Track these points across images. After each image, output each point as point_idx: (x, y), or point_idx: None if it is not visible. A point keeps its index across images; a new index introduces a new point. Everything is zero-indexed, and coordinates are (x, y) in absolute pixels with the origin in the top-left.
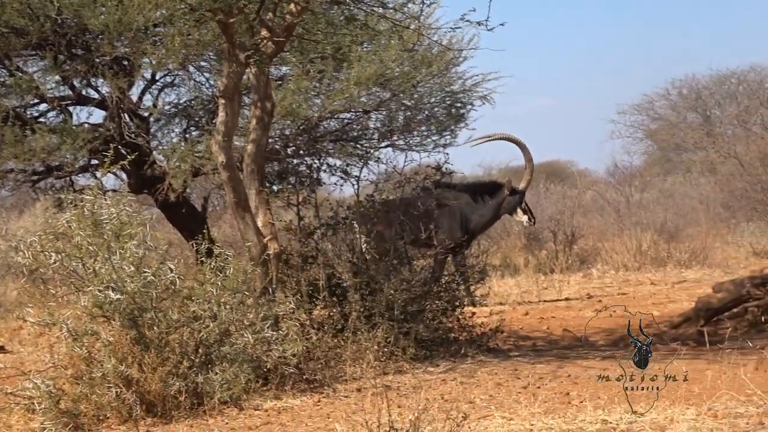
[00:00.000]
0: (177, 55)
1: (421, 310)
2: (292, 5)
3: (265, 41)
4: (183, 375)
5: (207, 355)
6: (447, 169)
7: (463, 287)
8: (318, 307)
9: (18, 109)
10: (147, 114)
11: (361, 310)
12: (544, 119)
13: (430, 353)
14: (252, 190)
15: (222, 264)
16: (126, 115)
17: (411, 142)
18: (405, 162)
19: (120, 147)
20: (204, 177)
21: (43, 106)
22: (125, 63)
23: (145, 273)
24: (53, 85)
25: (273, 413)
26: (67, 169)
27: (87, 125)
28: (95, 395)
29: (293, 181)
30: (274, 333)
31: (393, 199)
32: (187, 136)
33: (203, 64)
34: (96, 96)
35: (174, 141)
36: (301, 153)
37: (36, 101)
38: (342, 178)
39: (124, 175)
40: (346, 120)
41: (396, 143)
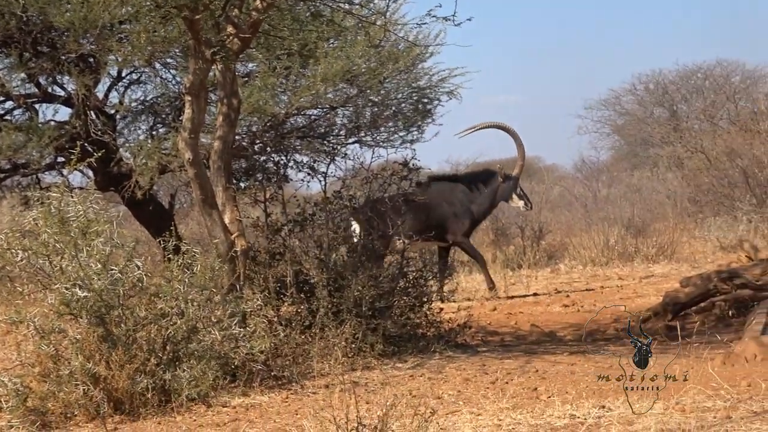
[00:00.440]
0: (143, 52)
1: (389, 306)
2: (257, 2)
3: (231, 38)
4: (150, 372)
5: (174, 353)
6: (414, 165)
7: (438, 283)
8: (285, 304)
9: None
10: (113, 111)
11: (329, 306)
12: (510, 115)
13: (398, 349)
14: (219, 187)
15: (189, 261)
16: (92, 113)
17: (378, 138)
18: (372, 158)
19: (86, 144)
20: (171, 174)
21: (9, 103)
22: (91, 60)
23: (112, 270)
24: (19, 83)
25: (241, 410)
26: (34, 167)
27: (53, 123)
28: (63, 393)
29: (260, 178)
30: (241, 330)
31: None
32: (154, 133)
33: (169, 60)
34: (62, 93)
35: (140, 138)
36: (268, 149)
37: (1, 99)
38: (309, 174)
39: (90, 173)
40: (312, 116)
41: (363, 139)
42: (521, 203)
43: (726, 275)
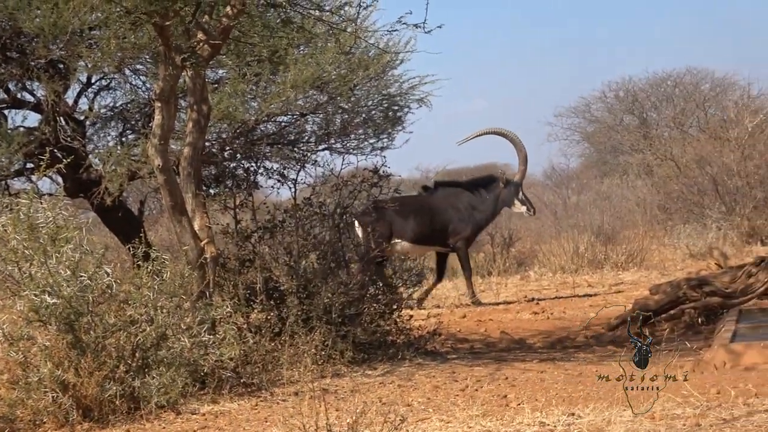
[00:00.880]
0: (113, 59)
1: (359, 313)
2: (228, 8)
3: (202, 44)
4: (120, 379)
5: (144, 359)
6: (384, 172)
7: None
8: (255, 311)
9: None
10: (83, 117)
11: (299, 313)
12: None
13: (367, 356)
14: (189, 193)
15: (159, 268)
16: (62, 119)
17: (348, 145)
18: (342, 165)
19: (56, 151)
20: (140, 180)
21: None
22: (61, 66)
23: (82, 277)
24: None
25: (210, 417)
26: (2, 173)
27: (22, 129)
28: (31, 400)
29: (230, 185)
30: (211, 337)
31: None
32: (124, 139)
33: (139, 67)
34: (31, 99)
35: (110, 144)
36: (238, 156)
37: None
38: (279, 181)
39: (59, 179)
40: (283, 123)
41: (333, 146)
42: (523, 208)
43: (695, 283)
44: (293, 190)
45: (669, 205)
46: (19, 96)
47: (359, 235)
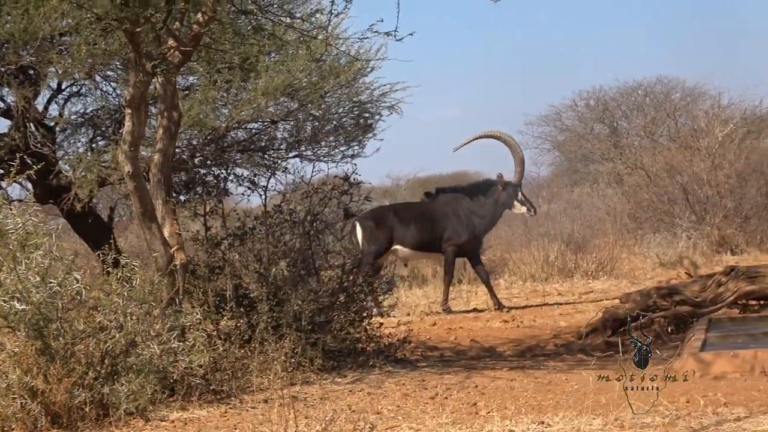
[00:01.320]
0: (83, 65)
1: (329, 320)
2: (199, 15)
3: (172, 51)
4: (89, 386)
5: (113, 366)
6: (355, 180)
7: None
8: (225, 318)
9: None
10: (53, 123)
11: (269, 320)
12: (451, 130)
13: (337, 364)
14: (159, 200)
15: (128, 274)
16: (32, 125)
17: (319, 152)
18: (313, 172)
19: (25, 157)
20: (110, 187)
21: None
22: (31, 72)
23: (51, 283)
24: None
25: (179, 424)
26: None
27: None
28: (0, 406)
29: (200, 191)
30: (180, 344)
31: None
32: (94, 145)
33: (110, 73)
34: (1, 105)
35: (80, 151)
36: (209, 163)
37: None
38: (249, 188)
39: (29, 185)
40: (253, 130)
41: (304, 153)
42: (524, 209)
43: (665, 292)
44: (263, 197)
45: (639, 214)
46: None
47: (359, 239)
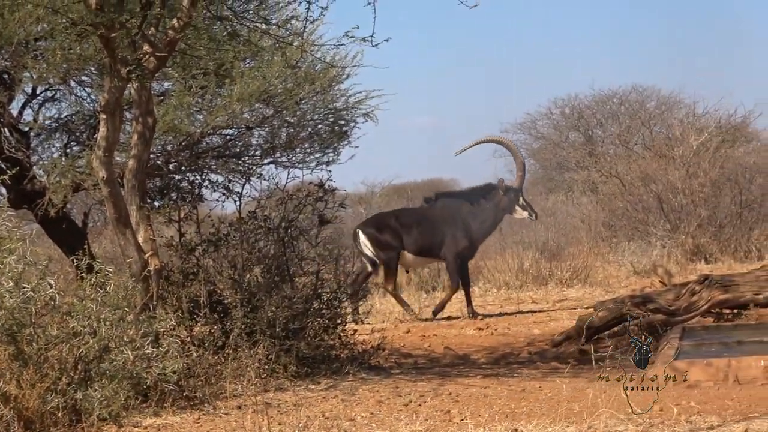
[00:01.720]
0: (58, 70)
1: (303, 327)
2: (174, 20)
3: (147, 56)
4: (62, 391)
5: (86, 372)
6: (330, 187)
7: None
8: (199, 324)
9: None
10: (27, 128)
11: (243, 327)
12: (427, 138)
13: (311, 370)
14: (133, 205)
15: (102, 280)
16: (6, 130)
17: (294, 159)
18: (287, 179)
19: None
20: (85, 192)
21: None
22: (5, 77)
23: (25, 288)
24: None
25: (152, 430)
26: None
27: None
28: None
29: (175, 197)
30: (154, 350)
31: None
32: (68, 151)
33: (85, 78)
34: None
35: (54, 156)
36: (183, 169)
37: None
38: (224, 194)
39: (3, 190)
40: (228, 136)
41: (279, 160)
42: (525, 214)
43: (639, 300)
44: (238, 203)
45: (614, 223)
46: None
47: (368, 247)
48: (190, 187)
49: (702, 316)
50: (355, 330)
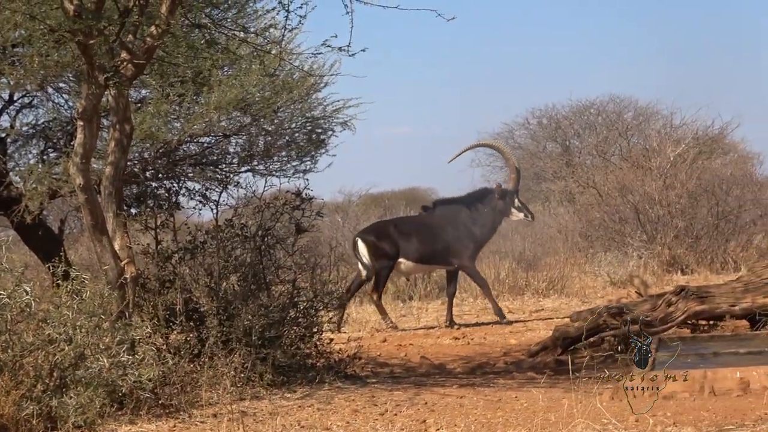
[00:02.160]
0: (35, 76)
1: (279, 335)
2: (152, 28)
3: (125, 63)
4: (37, 398)
5: (62, 379)
6: (307, 195)
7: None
8: (175, 332)
9: None
10: (4, 135)
11: (219, 335)
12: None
13: (287, 379)
14: (109, 213)
15: (78, 287)
16: None
17: (271, 167)
18: (265, 187)
19: None
20: (61, 199)
21: None
22: None
23: (0, 295)
24: None
25: None
26: None
27: None
28: None
29: (151, 205)
30: (130, 357)
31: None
32: (45, 157)
33: (62, 85)
34: None
35: (31, 162)
36: (160, 176)
37: None
38: (201, 202)
39: None
40: (205, 144)
41: (256, 168)
42: (521, 215)
43: (616, 311)
44: (215, 211)
45: (590, 233)
46: None
47: (363, 254)
48: (167, 195)
49: (678, 327)
50: (332, 339)
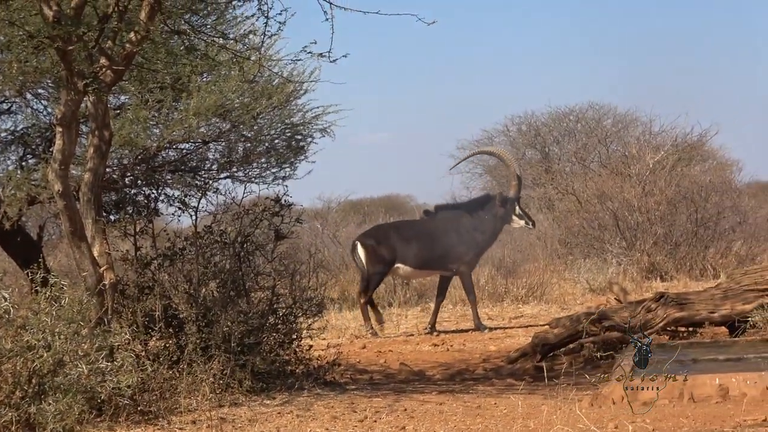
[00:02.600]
0: (14, 82)
1: (258, 342)
2: (132, 34)
3: (104, 69)
4: (15, 405)
5: (40, 386)
6: (286, 202)
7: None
8: (154, 339)
9: None
10: None
11: (198, 341)
12: (383, 153)
13: (266, 386)
14: (88, 219)
15: (57, 293)
16: None
17: (250, 173)
18: (244, 194)
19: None
20: (40, 205)
21: None
22: None
23: None
24: None
25: None
26: None
27: None
28: None
29: (130, 211)
30: (108, 364)
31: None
32: (24, 163)
33: (41, 91)
34: None
35: (10, 169)
36: (139, 183)
37: None
38: (180, 208)
39: None
40: (184, 150)
41: (235, 174)
42: (522, 222)
43: (595, 317)
44: (194, 217)
45: (570, 240)
46: None
47: (362, 259)
48: (146, 201)
49: (657, 333)
50: (311, 345)
